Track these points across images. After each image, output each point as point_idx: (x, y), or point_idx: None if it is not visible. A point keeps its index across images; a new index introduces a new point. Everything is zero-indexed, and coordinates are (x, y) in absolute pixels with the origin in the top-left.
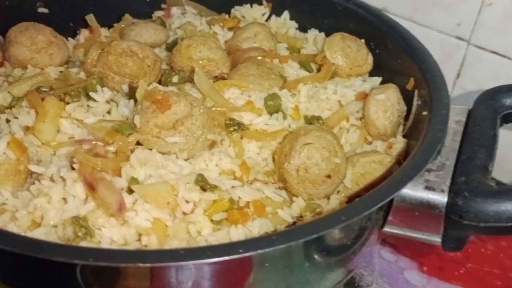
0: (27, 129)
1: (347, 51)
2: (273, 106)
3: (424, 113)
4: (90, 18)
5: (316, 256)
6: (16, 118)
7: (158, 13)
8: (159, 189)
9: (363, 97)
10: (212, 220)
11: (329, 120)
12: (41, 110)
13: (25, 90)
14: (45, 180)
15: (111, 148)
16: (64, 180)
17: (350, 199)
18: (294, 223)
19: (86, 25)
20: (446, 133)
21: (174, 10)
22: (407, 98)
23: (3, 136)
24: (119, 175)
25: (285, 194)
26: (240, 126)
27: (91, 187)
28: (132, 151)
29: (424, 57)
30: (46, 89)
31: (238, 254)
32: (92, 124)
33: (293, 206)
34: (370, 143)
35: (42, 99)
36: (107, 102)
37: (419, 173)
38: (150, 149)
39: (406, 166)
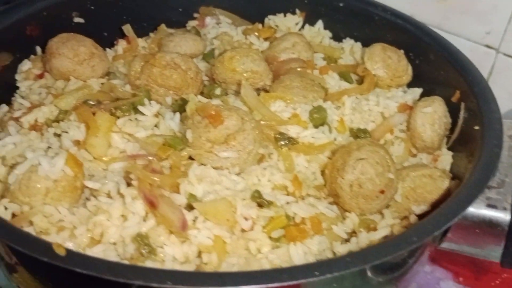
0: (77, 143)
1: (388, 62)
2: (318, 119)
3: (476, 127)
4: (127, 29)
5: (370, 274)
6: (66, 132)
7: (192, 23)
8: (219, 206)
9: (406, 108)
10: (270, 237)
11: (374, 133)
12: (93, 125)
13: (72, 104)
14: (102, 196)
15: (165, 164)
16: (122, 196)
17: (400, 214)
18: (348, 239)
19: (121, 35)
20: (502, 148)
21: (208, 20)
22: (451, 110)
23: (59, 153)
24: (176, 191)
25: (337, 209)
26: (290, 140)
27: (151, 204)
28: (185, 166)
29: (470, 70)
30: (93, 102)
31: (315, 277)
32: (144, 139)
33: (347, 222)
34: (414, 155)
35: (93, 114)
36: (155, 115)
37: (482, 190)
38: (203, 164)
39: (468, 183)
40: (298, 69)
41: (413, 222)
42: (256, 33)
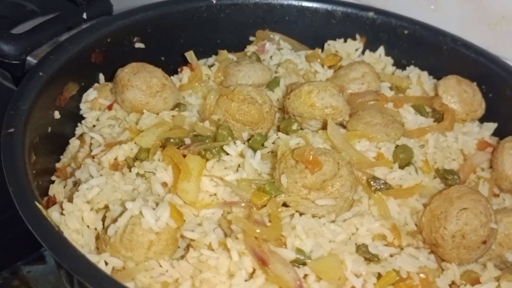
0: (165, 185)
1: (464, 96)
2: (405, 159)
3: None
4: (190, 56)
5: None
6: (151, 172)
7: (251, 48)
8: (330, 264)
9: (485, 146)
10: None
11: (459, 173)
12: (185, 169)
13: (152, 141)
14: (203, 248)
15: (262, 211)
16: (226, 249)
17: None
18: None
19: (179, 60)
20: None
21: (268, 45)
22: None
23: (159, 202)
24: (279, 245)
25: (434, 259)
26: (385, 185)
27: (262, 262)
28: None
29: None
30: (176, 141)
31: None
32: (236, 183)
33: (448, 274)
34: (497, 195)
35: (183, 156)
36: (240, 155)
37: None
38: (300, 212)
39: None
40: (372, 102)
41: None
42: (319, 60)
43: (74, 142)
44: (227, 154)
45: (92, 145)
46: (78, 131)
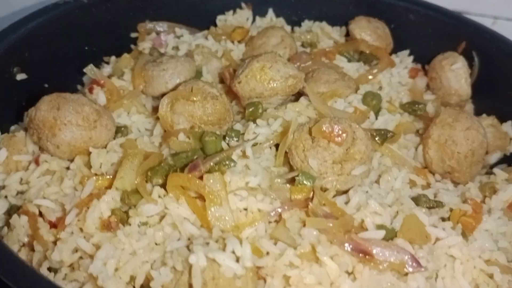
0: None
1: (378, 32)
2: (377, 104)
3: None
4: (91, 70)
5: None
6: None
7: (144, 45)
8: (416, 227)
9: (417, 72)
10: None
11: None
12: (211, 193)
13: (134, 179)
14: (286, 270)
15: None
16: (311, 259)
17: None
18: None
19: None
20: None
21: (164, 36)
22: None
23: (231, 241)
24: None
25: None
26: (389, 133)
27: (365, 253)
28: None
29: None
30: (163, 167)
31: None
32: (268, 187)
33: (472, 192)
34: None
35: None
36: (243, 154)
37: None
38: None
39: None
40: (310, 62)
41: None
42: (224, 37)
43: (17, 221)
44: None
45: (46, 216)
46: (1, 205)
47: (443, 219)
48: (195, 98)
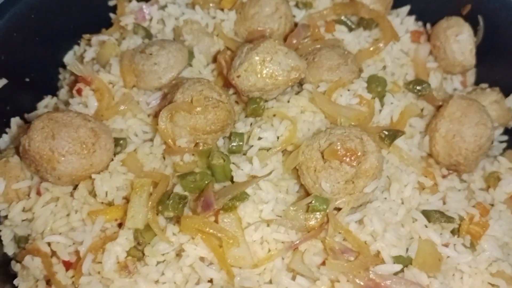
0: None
1: None
2: (382, 91)
3: None
4: (75, 66)
5: None
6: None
7: (126, 20)
8: (428, 253)
9: (419, 35)
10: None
11: (419, 76)
12: (229, 236)
13: (146, 216)
14: None
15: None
16: None
17: None
18: None
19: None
20: None
21: (146, 8)
22: None
23: None
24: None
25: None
26: (397, 132)
27: None
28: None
29: None
30: (175, 201)
31: None
32: (283, 217)
33: (476, 185)
34: None
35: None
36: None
37: None
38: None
39: None
40: (308, 37)
41: None
42: (211, 4)
43: (31, 263)
44: None
45: (59, 254)
46: (5, 236)
47: (453, 231)
48: (196, 110)
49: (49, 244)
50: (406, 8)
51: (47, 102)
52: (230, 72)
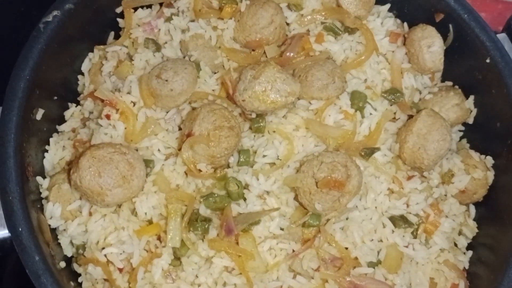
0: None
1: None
2: (362, 106)
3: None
4: (102, 92)
5: None
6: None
7: (137, 33)
8: (394, 257)
9: (397, 37)
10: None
11: (395, 84)
12: (246, 254)
13: (181, 236)
14: None
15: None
16: None
17: None
18: None
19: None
20: None
21: (155, 21)
22: None
23: None
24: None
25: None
26: (375, 149)
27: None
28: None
29: None
30: (203, 223)
31: None
32: (286, 232)
33: (434, 181)
34: None
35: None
36: (260, 197)
37: None
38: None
39: None
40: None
41: None
42: (212, 15)
43: (94, 272)
44: None
45: (113, 262)
46: (64, 243)
47: (413, 231)
48: (214, 143)
49: (105, 254)
50: (386, 7)
51: (73, 111)
52: (236, 94)
